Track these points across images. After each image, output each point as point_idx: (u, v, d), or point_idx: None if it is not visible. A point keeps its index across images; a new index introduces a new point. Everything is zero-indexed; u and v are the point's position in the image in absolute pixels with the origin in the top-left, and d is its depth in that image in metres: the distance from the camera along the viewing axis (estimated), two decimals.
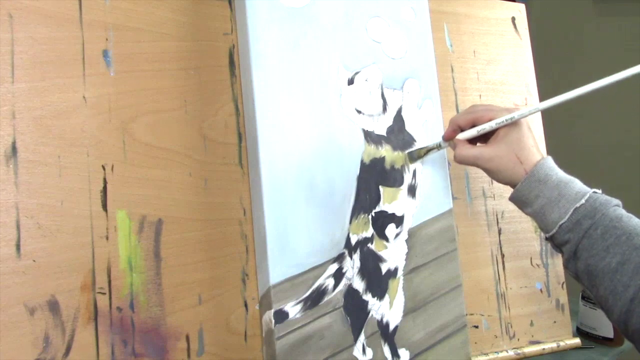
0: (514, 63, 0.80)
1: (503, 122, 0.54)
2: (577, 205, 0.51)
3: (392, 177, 0.62)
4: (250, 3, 0.57)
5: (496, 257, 0.72)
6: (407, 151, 0.63)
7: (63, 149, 0.50)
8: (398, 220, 0.62)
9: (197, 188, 0.56)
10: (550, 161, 0.54)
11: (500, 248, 0.73)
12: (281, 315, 0.54)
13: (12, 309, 0.46)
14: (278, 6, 0.58)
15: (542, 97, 0.81)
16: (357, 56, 0.62)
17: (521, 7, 0.83)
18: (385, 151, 0.62)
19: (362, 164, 0.61)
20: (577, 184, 0.53)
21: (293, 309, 0.54)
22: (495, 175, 0.56)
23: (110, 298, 0.50)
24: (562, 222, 0.51)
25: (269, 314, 0.54)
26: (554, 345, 0.73)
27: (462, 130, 0.58)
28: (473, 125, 0.57)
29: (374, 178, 0.61)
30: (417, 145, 0.65)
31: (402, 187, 0.63)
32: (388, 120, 0.63)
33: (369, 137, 0.62)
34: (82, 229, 0.49)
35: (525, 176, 0.54)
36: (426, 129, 0.66)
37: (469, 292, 0.68)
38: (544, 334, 0.73)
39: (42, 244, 0.48)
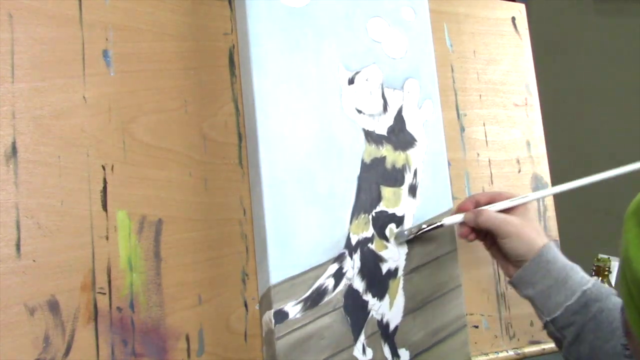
0: (514, 63, 0.80)
1: (520, 200, 0.59)
2: (585, 288, 0.52)
3: (393, 177, 0.62)
4: (250, 3, 0.57)
5: None
6: (396, 231, 0.61)
7: (63, 149, 0.50)
8: (398, 220, 0.62)
9: (197, 188, 0.56)
10: (554, 245, 0.56)
11: None
12: (281, 315, 0.54)
13: (12, 309, 0.46)
14: (278, 6, 0.58)
15: (542, 97, 0.81)
16: (357, 56, 0.62)
17: (521, 7, 0.83)
18: (386, 151, 0.62)
19: (363, 163, 0.61)
20: (580, 270, 0.55)
21: (293, 309, 0.54)
22: (515, 241, 0.56)
23: (110, 298, 0.50)
24: (568, 303, 0.52)
25: (269, 314, 0.54)
26: (554, 345, 0.73)
27: (478, 206, 0.60)
28: (491, 202, 0.60)
29: (375, 178, 0.61)
30: (417, 145, 0.65)
31: (402, 187, 0.63)
32: (389, 120, 0.63)
33: (370, 136, 0.62)
34: (82, 229, 0.49)
35: (534, 256, 0.55)
36: (426, 128, 0.66)
37: (469, 292, 0.68)
38: (544, 334, 0.73)
39: (42, 244, 0.47)
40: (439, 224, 0.60)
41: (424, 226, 0.60)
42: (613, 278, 0.85)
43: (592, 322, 0.51)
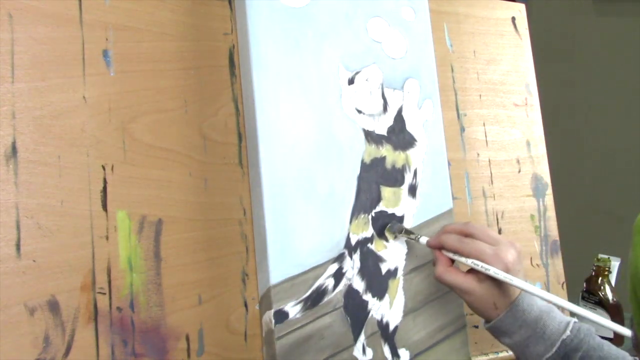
0: (514, 63, 0.80)
1: (480, 268, 0.52)
2: (564, 337, 0.51)
3: (393, 177, 0.62)
4: (250, 3, 0.57)
5: None
6: (390, 224, 0.61)
7: (63, 149, 0.50)
8: (398, 221, 0.62)
9: (197, 188, 0.56)
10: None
11: None
12: (281, 315, 0.54)
13: (12, 309, 0.46)
14: (278, 6, 0.58)
15: (542, 97, 0.81)
16: (357, 56, 0.62)
17: (521, 7, 0.83)
18: (386, 151, 0.62)
19: (363, 163, 0.61)
20: (557, 313, 0.53)
21: (293, 309, 0.54)
22: (468, 305, 0.56)
23: (110, 298, 0.50)
24: (548, 355, 0.51)
25: (269, 314, 0.54)
26: None
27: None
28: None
29: (375, 178, 0.61)
30: (417, 145, 0.65)
31: (402, 187, 0.63)
32: (389, 120, 0.63)
33: (370, 136, 0.62)
34: (82, 229, 0.49)
35: (508, 308, 0.52)
36: (426, 128, 0.66)
37: None
38: None
39: (42, 244, 0.47)
40: (417, 238, 0.59)
41: (412, 236, 0.60)
42: (613, 278, 0.85)
43: None
